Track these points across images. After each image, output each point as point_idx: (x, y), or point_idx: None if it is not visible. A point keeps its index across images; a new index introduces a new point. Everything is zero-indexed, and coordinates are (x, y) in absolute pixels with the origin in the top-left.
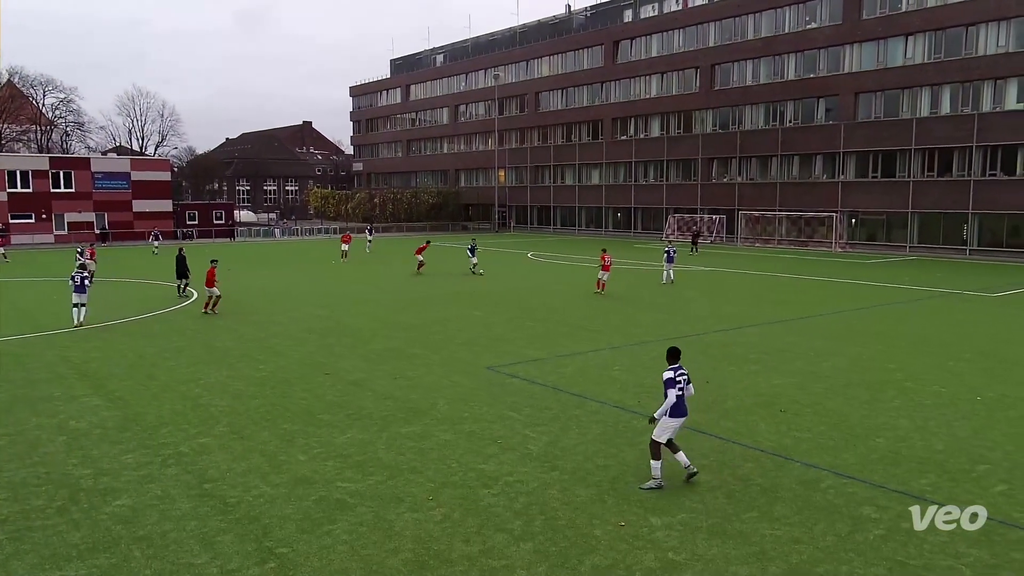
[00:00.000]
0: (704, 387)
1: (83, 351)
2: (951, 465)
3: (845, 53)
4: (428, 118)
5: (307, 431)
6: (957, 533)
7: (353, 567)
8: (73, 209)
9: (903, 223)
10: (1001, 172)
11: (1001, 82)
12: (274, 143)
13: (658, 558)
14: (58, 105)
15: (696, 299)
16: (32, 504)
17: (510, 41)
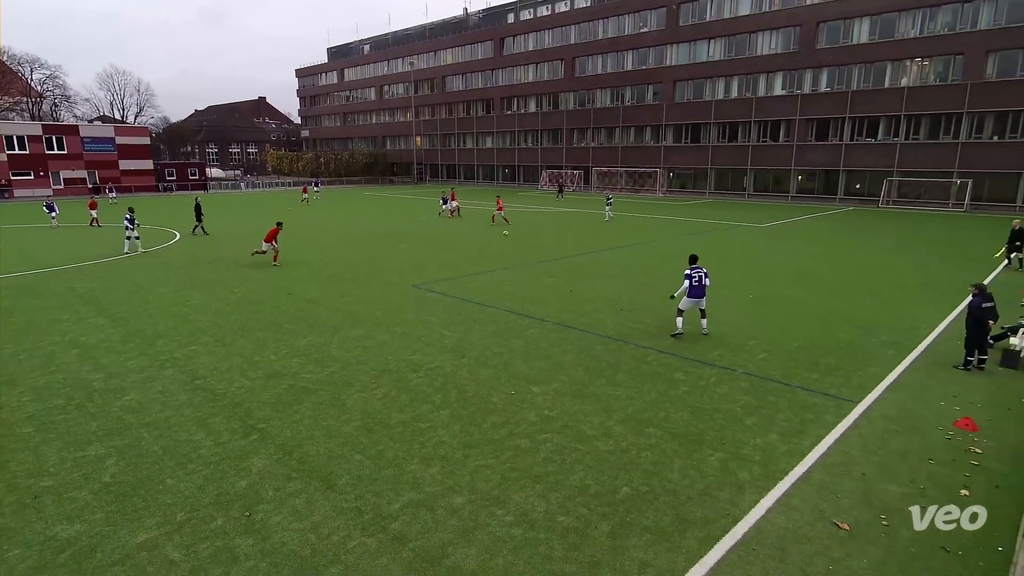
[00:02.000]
0: (568, 295)
1: (86, 283)
2: (731, 342)
3: (667, 51)
4: (359, 95)
5: (275, 337)
6: (736, 388)
7: (317, 434)
8: (67, 168)
9: (704, 175)
10: (769, 140)
11: (772, 74)
12: (236, 114)
13: (538, 415)
14: (45, 80)
15: (562, 233)
16: (54, 403)
17: (422, 35)
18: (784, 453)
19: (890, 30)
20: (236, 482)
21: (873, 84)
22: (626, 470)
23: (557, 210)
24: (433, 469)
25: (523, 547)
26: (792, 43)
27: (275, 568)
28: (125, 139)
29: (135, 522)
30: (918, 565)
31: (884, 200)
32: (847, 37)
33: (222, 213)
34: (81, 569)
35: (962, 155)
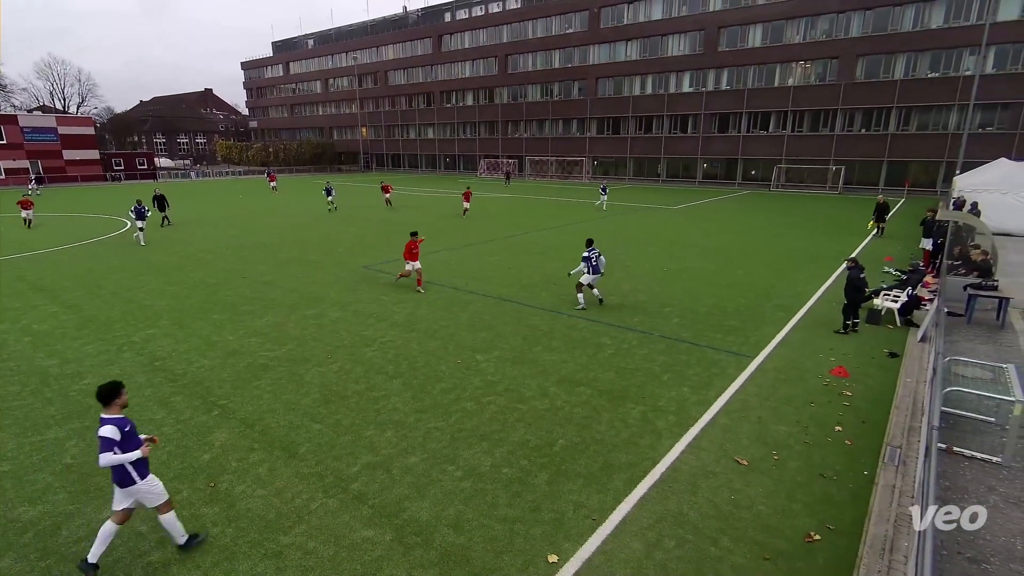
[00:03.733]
0: (507, 271)
1: (36, 271)
2: (650, 309)
3: (590, 51)
4: (305, 88)
5: (233, 319)
6: (654, 349)
7: (277, 407)
8: (7, 158)
9: (624, 163)
10: (679, 131)
11: (681, 73)
12: (182, 104)
13: (482, 380)
14: None
15: (504, 215)
16: (8, 390)
17: (364, 31)
18: (695, 403)
19: (779, 35)
20: (199, 456)
21: (766, 83)
22: (561, 425)
23: (503, 195)
24: (388, 433)
25: (472, 497)
26: (698, 45)
27: (241, 532)
28: (68, 129)
29: (99, 500)
30: (802, 491)
31: (775, 184)
32: (744, 41)
33: (179, 200)
34: (47, 547)
35: (837, 145)
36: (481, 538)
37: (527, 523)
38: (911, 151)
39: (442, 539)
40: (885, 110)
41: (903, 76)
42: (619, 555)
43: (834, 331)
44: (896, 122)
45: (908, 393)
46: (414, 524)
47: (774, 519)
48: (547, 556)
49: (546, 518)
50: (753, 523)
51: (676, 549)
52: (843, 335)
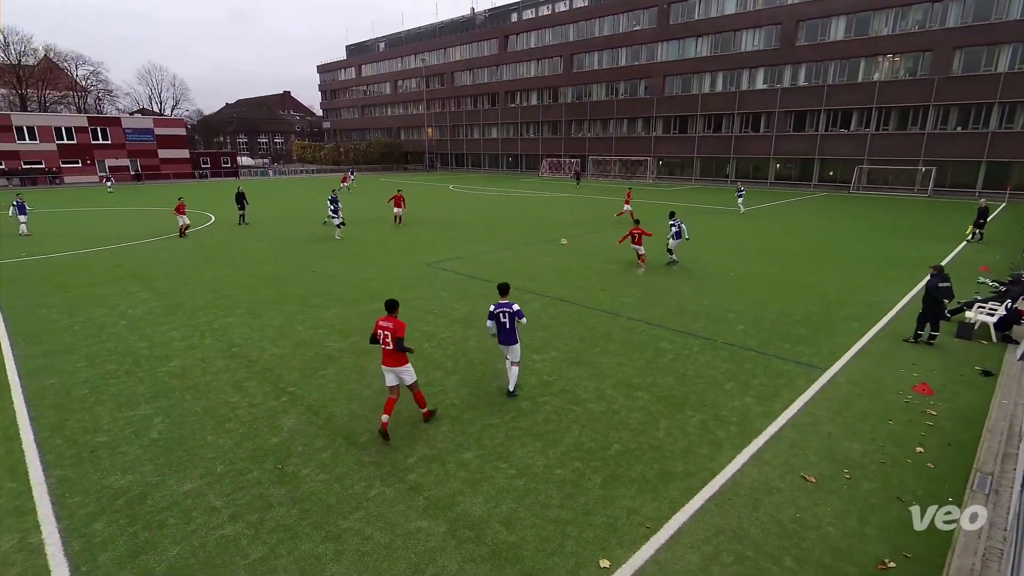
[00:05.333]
0: (566, 271)
1: (131, 261)
2: (713, 314)
3: (658, 48)
4: (376, 90)
5: (302, 311)
6: (716, 356)
7: (340, 397)
8: (111, 156)
9: (691, 163)
10: (750, 130)
11: (754, 70)
12: (263, 107)
13: (538, 380)
14: (89, 76)
15: (565, 215)
16: (106, 368)
17: (432, 34)
18: (758, 414)
19: (864, 28)
20: (269, 439)
21: (848, 79)
22: (617, 429)
23: (571, 195)
24: (444, 428)
25: (525, 496)
26: (774, 40)
27: (305, 514)
28: (163, 130)
29: (181, 473)
30: (876, 514)
31: (855, 186)
32: (824, 35)
33: (259, 197)
34: (134, 515)
35: (927, 144)
36: (533, 537)
37: (579, 526)
38: (1015, 151)
39: (494, 535)
40: (985, 106)
41: (1008, 69)
42: (673, 566)
43: (903, 339)
44: (998, 119)
45: (1003, 416)
46: (467, 518)
47: (844, 542)
48: (599, 561)
49: (599, 522)
50: (820, 545)
51: (734, 565)
52: (912, 344)
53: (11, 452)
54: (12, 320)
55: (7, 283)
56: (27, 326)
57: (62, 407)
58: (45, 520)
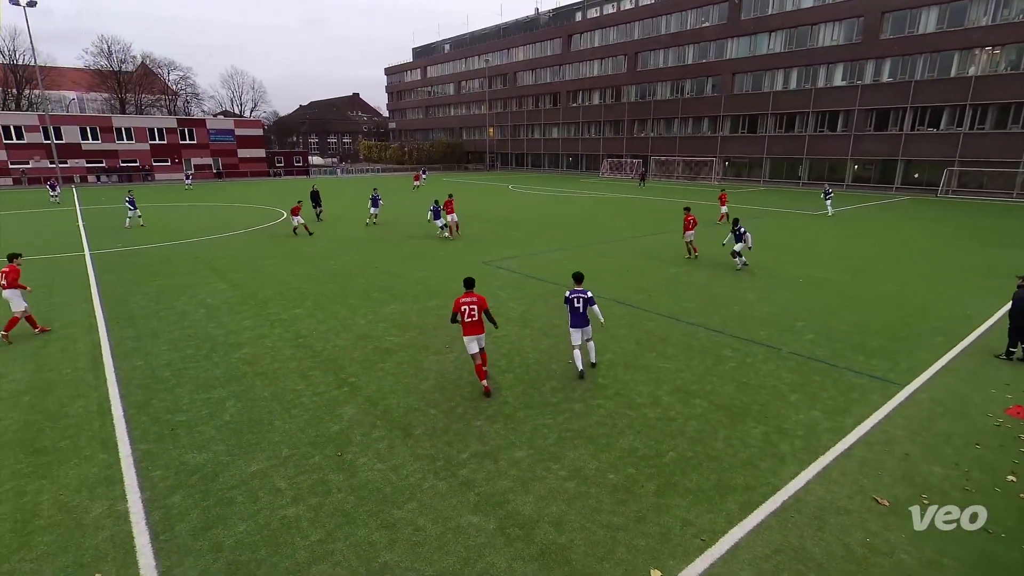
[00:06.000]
0: (624, 273)
1: (211, 253)
2: (780, 323)
3: (728, 45)
4: (440, 91)
5: (365, 305)
6: (781, 366)
7: (397, 389)
8: (196, 155)
9: (759, 164)
10: (826, 129)
11: (832, 65)
12: (334, 108)
13: (592, 382)
14: (179, 80)
15: (624, 216)
16: (186, 352)
17: (496, 35)
18: (827, 430)
19: (959, 19)
20: (330, 426)
21: (939, 74)
22: (672, 436)
23: (636, 197)
24: (497, 425)
25: (576, 499)
26: (855, 34)
27: (361, 501)
28: (243, 131)
29: (249, 454)
30: (957, 545)
31: (944, 189)
32: (913, 27)
33: (325, 195)
34: (207, 491)
35: None
36: (582, 541)
37: (630, 532)
38: None
39: (543, 536)
40: None
41: None
42: None
43: (995, 355)
44: None
45: None
46: (517, 517)
47: (920, 572)
48: (650, 570)
49: (651, 531)
50: (892, 573)
51: None
52: (1005, 361)
53: (104, 426)
54: (108, 305)
55: (106, 272)
56: (120, 311)
57: (148, 387)
58: (131, 490)
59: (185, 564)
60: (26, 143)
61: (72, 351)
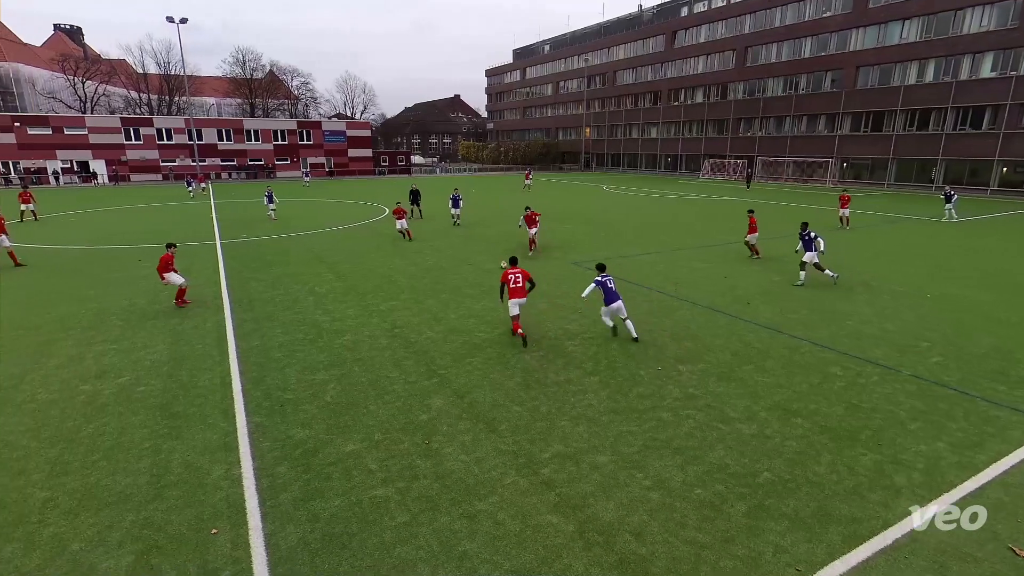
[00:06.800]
0: (722, 279)
1: (320, 245)
2: (900, 342)
3: (851, 35)
4: (537, 91)
5: (457, 300)
6: (900, 390)
7: (484, 384)
8: (312, 155)
9: (883, 166)
10: (968, 127)
11: (980, 55)
12: (436, 110)
13: (682, 392)
14: (300, 86)
15: (724, 219)
16: (295, 336)
17: (597, 34)
18: (953, 464)
19: None
20: (419, 415)
21: None
22: (768, 456)
23: (741, 199)
24: (580, 428)
25: (658, 510)
26: (1010, 18)
27: (445, 489)
28: (353, 132)
29: (345, 435)
30: None
31: None
32: None
33: (425, 195)
34: (308, 465)
35: None
36: (664, 555)
37: (716, 552)
38: None
39: (623, 545)
40: None
41: None
42: None
43: None
44: None
45: None
46: (596, 522)
47: None
48: None
49: (739, 553)
50: None
51: None
52: None
53: (225, 397)
54: (233, 289)
55: (231, 259)
56: (242, 294)
57: (262, 365)
58: (244, 457)
59: (287, 530)
60: (174, 143)
61: (202, 329)
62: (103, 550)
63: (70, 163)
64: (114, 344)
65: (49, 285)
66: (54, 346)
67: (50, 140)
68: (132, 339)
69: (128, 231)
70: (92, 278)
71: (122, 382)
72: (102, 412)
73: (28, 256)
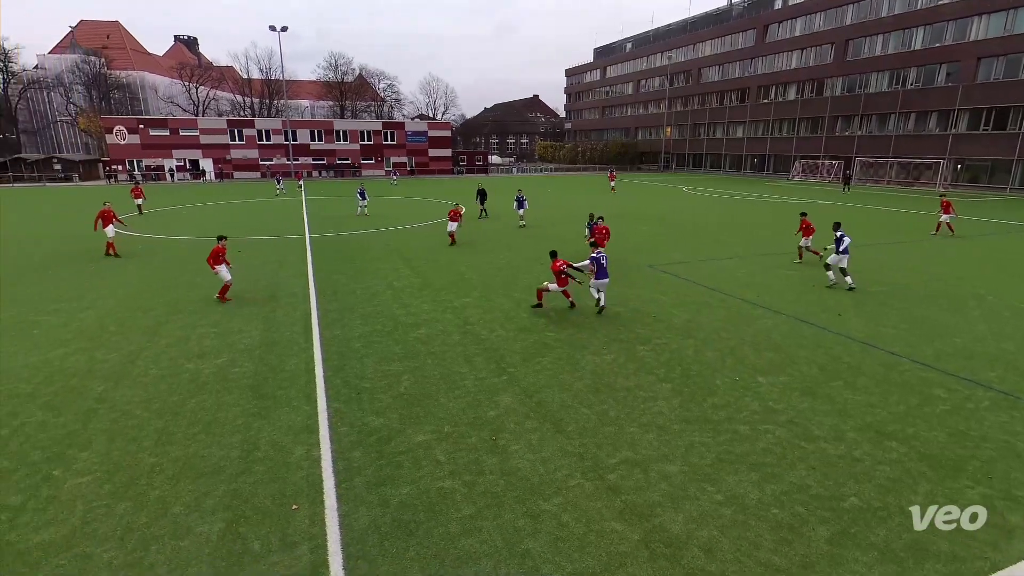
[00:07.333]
0: (810, 288)
1: (398, 241)
2: (1019, 363)
3: (971, 24)
4: (617, 90)
5: (528, 299)
6: (1019, 418)
7: (553, 385)
8: (394, 154)
9: (1007, 168)
10: None
11: None
12: (513, 110)
13: (761, 405)
14: (386, 88)
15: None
16: (374, 328)
17: (682, 30)
18: None
19: None
20: (488, 411)
21: None
22: (856, 480)
23: (835, 203)
24: (650, 435)
25: (730, 527)
26: None
27: (510, 486)
28: (434, 132)
29: (416, 426)
30: None
31: None
32: None
33: (500, 192)
34: (381, 452)
35: None
36: (735, 575)
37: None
38: None
39: (691, 560)
40: None
41: None
42: None
43: None
44: None
45: None
46: (663, 533)
47: None
48: None
49: None
50: None
51: None
52: None
53: (308, 382)
54: (319, 280)
55: (319, 252)
56: (327, 286)
57: (343, 354)
58: (323, 440)
59: (359, 512)
60: (272, 144)
61: (292, 316)
62: (198, 515)
63: (183, 161)
64: (214, 328)
65: (163, 272)
66: (164, 327)
67: (167, 140)
68: (229, 324)
69: (229, 224)
70: (198, 267)
71: (220, 363)
72: (202, 389)
73: (147, 246)
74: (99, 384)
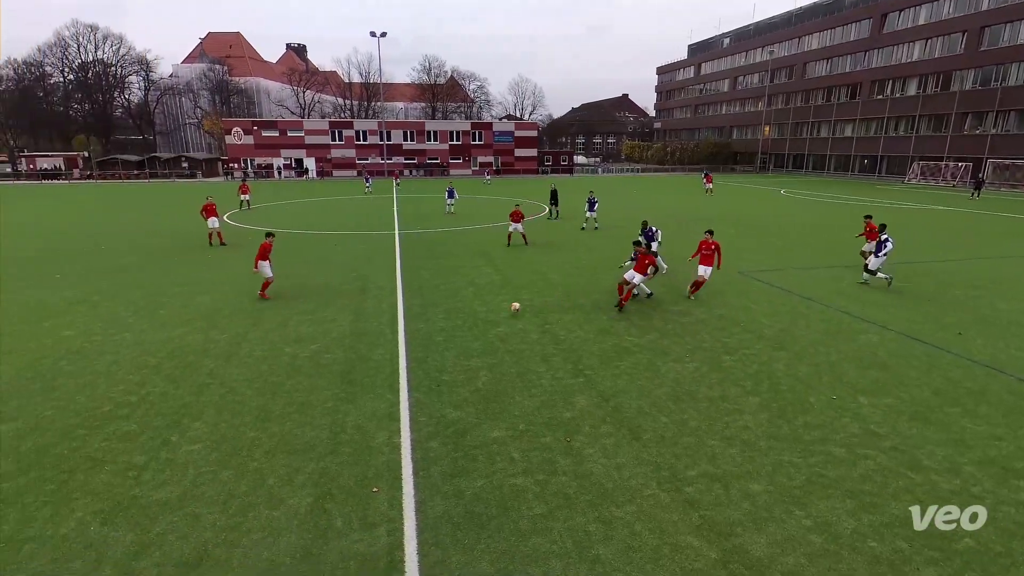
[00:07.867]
0: (925, 302)
1: (484, 240)
2: None
3: None
4: (712, 88)
5: (609, 302)
6: None
7: (631, 390)
8: (482, 154)
9: None
10: None
11: None
12: (601, 109)
13: (861, 428)
14: (476, 89)
15: (946, 235)
16: (455, 323)
17: (786, 23)
18: None
19: None
20: (563, 412)
21: None
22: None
23: (966, 210)
24: (733, 450)
25: (820, 556)
26: None
27: (583, 489)
28: (520, 132)
29: (491, 422)
30: None
31: None
32: None
33: (582, 193)
34: (457, 444)
35: None
36: None
37: None
38: None
39: None
40: None
41: None
42: None
43: None
44: None
45: None
46: (744, 555)
47: None
48: None
49: None
50: None
51: None
52: None
53: (392, 372)
54: (405, 275)
55: (407, 249)
56: (413, 281)
57: (425, 347)
58: (404, 428)
59: (434, 500)
60: (368, 144)
61: (379, 309)
62: (290, 489)
63: (290, 160)
64: (310, 315)
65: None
66: (266, 313)
67: (276, 141)
68: (324, 312)
69: (328, 220)
70: (297, 258)
71: (314, 348)
72: (298, 372)
73: (255, 239)
74: (211, 362)
